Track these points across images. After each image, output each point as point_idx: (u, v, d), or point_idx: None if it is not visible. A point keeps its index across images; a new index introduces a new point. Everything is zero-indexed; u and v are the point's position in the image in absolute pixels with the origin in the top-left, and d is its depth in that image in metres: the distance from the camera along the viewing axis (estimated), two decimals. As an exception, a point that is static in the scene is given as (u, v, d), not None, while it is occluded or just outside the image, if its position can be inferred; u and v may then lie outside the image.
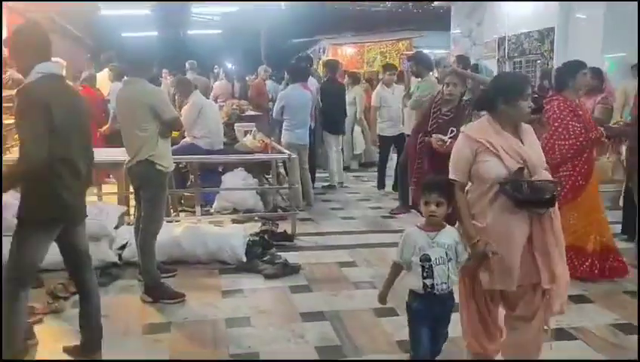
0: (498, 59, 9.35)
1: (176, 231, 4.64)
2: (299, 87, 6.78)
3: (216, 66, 12.36)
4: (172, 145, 5.55)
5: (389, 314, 3.63)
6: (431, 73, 6.37)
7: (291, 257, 4.70)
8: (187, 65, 9.39)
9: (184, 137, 6.11)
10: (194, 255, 4.56)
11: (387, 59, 15.63)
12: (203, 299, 3.91)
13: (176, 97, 7.57)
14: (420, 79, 6.28)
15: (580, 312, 3.66)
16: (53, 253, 2.88)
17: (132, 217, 4.85)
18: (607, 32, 6.38)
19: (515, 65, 9.00)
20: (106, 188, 6.35)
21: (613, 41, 6.54)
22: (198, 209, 5.70)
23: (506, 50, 9.01)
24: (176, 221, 5.53)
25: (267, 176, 6.74)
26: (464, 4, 11.19)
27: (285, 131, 6.61)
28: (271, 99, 9.83)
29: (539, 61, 8.23)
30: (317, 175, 7.64)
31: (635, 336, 3.32)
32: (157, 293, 3.79)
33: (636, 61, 5.62)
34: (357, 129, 9.22)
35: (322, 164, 8.32)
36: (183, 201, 6.44)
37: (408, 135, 6.55)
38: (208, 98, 7.02)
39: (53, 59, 2.88)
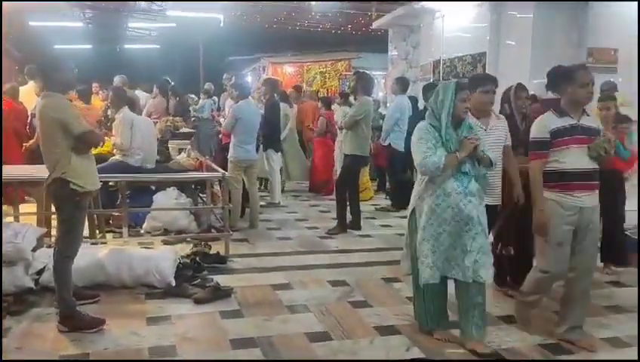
0: (433, 81, 9.58)
1: (100, 254, 4.37)
2: (251, 101, 6.67)
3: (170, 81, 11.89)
4: (100, 163, 5.46)
5: (322, 339, 3.55)
6: (366, 97, 6.40)
7: (223, 280, 4.53)
8: (116, 79, 8.95)
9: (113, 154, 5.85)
10: (118, 279, 4.30)
11: (327, 79, 15.81)
12: (126, 326, 3.67)
13: (109, 111, 7.28)
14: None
15: (509, 332, 3.69)
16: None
17: (53, 239, 4.54)
18: (534, 58, 6.64)
19: (450, 87, 9.24)
20: (25, 207, 5.94)
21: (539, 66, 6.81)
22: (125, 230, 5.42)
23: (441, 73, 9.24)
24: (102, 243, 5.25)
25: (202, 196, 6.55)
26: (400, 29, 11.44)
27: (235, 147, 6.45)
28: (193, 117, 9.70)
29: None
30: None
31: (565, 356, 3.37)
32: (72, 322, 3.52)
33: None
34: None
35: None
36: (111, 222, 6.13)
37: (346, 154, 6.58)
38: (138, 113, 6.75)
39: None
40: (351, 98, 6.96)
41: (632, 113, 5.33)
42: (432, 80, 9.62)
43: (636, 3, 6.43)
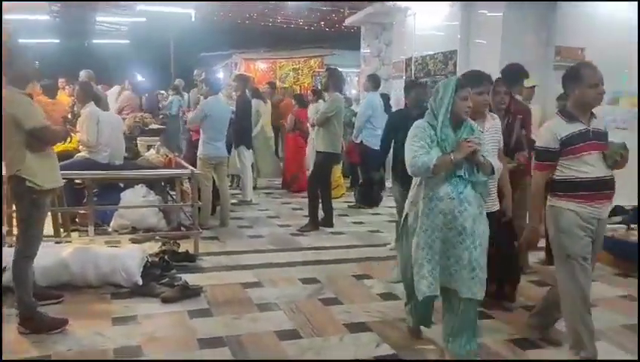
0: (405, 79, 9.61)
1: (64, 253, 4.25)
2: (221, 98, 6.58)
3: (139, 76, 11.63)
4: (66, 159, 5.32)
5: (292, 337, 3.52)
6: (337, 93, 6.39)
7: (193, 279, 4.45)
8: (82, 74, 8.69)
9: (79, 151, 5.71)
10: (83, 278, 4.19)
11: (300, 76, 15.77)
12: (90, 327, 3.57)
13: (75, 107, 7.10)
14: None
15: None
16: None
17: (14, 238, 4.40)
18: (504, 56, 6.69)
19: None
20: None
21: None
22: (90, 228, 5.29)
23: (413, 71, 9.26)
24: (67, 241, 5.12)
25: (171, 193, 6.44)
26: (373, 26, 11.46)
27: (205, 144, 6.35)
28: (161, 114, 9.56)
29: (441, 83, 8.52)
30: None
31: (534, 350, 3.40)
32: (32, 324, 3.42)
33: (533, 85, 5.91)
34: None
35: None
36: (77, 220, 5.99)
37: (318, 152, 6.55)
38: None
39: None
40: (326, 95, 6.92)
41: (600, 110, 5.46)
42: (404, 77, 9.67)
43: (604, 4, 6.56)
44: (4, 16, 12.33)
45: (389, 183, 9.17)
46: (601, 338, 3.55)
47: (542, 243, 5.20)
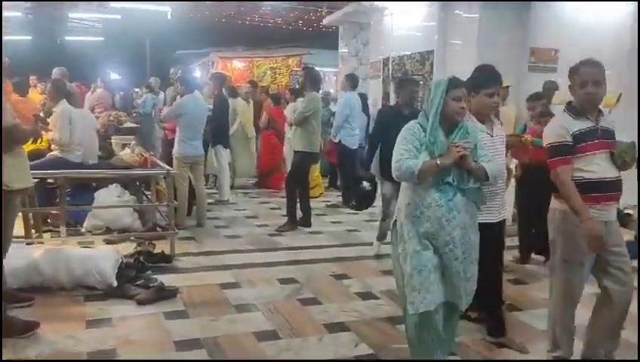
0: (383, 78, 9.64)
1: (36, 254, 4.14)
2: (198, 96, 6.49)
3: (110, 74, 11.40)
4: (38, 159, 5.20)
5: (270, 338, 3.49)
6: (315, 92, 6.37)
7: (169, 280, 4.38)
8: (55, 71, 8.49)
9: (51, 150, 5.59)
10: (55, 280, 4.09)
11: (277, 75, 15.70)
12: (63, 330, 3.48)
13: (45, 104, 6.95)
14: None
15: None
16: None
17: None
18: (480, 57, 6.73)
19: (399, 85, 9.33)
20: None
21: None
22: (62, 228, 5.17)
23: (390, 71, 9.31)
24: (39, 242, 5.00)
25: (146, 193, 6.34)
26: (351, 26, 11.48)
27: (181, 143, 6.25)
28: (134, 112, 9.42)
29: (421, 82, 8.58)
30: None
31: (506, 350, 3.43)
32: (2, 328, 3.32)
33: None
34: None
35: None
36: (49, 221, 5.85)
37: (296, 151, 6.52)
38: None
39: None
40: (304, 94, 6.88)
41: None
42: (381, 77, 9.70)
43: (576, 5, 6.66)
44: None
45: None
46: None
47: (515, 241, 5.33)
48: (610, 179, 2.88)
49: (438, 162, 2.72)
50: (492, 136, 3.28)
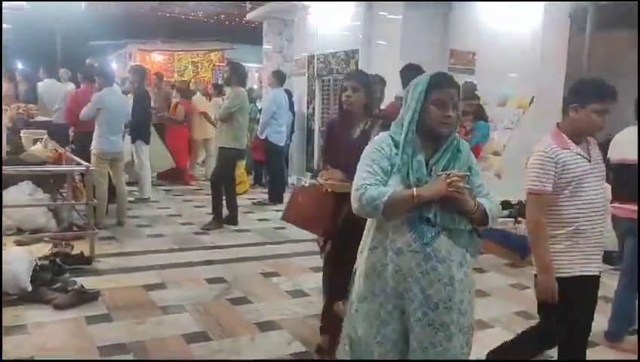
0: (308, 76, 9.66)
1: (-63, 259, 3.80)
2: (116, 89, 6.19)
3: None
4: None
5: (200, 340, 3.40)
6: (240, 88, 6.29)
7: (89, 282, 4.17)
8: None
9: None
10: (-38, 286, 3.77)
11: (199, 70, 15.36)
12: (-28, 340, 3.22)
13: None
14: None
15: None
16: None
17: None
18: (403, 57, 6.90)
19: (324, 83, 9.38)
20: None
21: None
22: (-32, 230, 4.77)
23: (315, 69, 9.34)
24: (-60, 245, 4.58)
25: (61, 191, 5.99)
26: (275, 22, 11.40)
27: (98, 138, 5.94)
28: None
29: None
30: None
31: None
32: None
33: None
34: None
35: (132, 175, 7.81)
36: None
37: (221, 147, 6.39)
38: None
39: None
40: (228, 90, 6.75)
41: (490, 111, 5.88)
42: (306, 75, 9.72)
43: (493, 10, 6.98)
44: None
45: (291, 179, 9.25)
46: (495, 326, 3.79)
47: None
48: None
49: (415, 193, 1.96)
50: (589, 162, 2.52)
